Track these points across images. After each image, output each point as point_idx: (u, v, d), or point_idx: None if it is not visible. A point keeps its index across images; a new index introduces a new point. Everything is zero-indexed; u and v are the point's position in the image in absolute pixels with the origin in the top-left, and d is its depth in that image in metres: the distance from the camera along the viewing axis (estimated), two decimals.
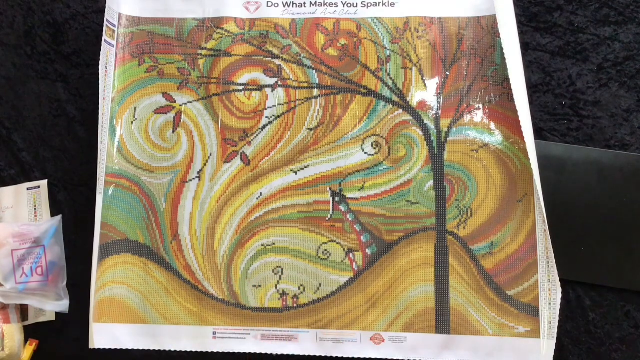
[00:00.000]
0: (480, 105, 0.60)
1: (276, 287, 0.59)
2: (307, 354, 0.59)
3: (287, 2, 0.63)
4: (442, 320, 0.58)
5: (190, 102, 0.62)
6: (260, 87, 0.62)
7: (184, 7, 0.63)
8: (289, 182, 0.60)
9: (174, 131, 0.62)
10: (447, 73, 0.61)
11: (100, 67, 0.61)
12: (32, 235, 0.62)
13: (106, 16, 0.61)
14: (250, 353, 0.59)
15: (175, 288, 0.60)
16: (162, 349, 0.59)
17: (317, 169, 0.60)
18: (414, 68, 0.61)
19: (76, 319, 0.62)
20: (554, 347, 0.56)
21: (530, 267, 0.57)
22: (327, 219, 0.60)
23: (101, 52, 0.60)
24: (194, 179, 0.61)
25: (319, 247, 0.59)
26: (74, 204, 0.65)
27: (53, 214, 0.65)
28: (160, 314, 0.60)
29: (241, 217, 0.60)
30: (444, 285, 0.58)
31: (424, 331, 0.58)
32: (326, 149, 0.61)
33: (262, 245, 0.60)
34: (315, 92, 0.61)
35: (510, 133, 0.59)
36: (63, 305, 0.61)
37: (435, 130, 0.60)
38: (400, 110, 0.61)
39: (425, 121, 0.60)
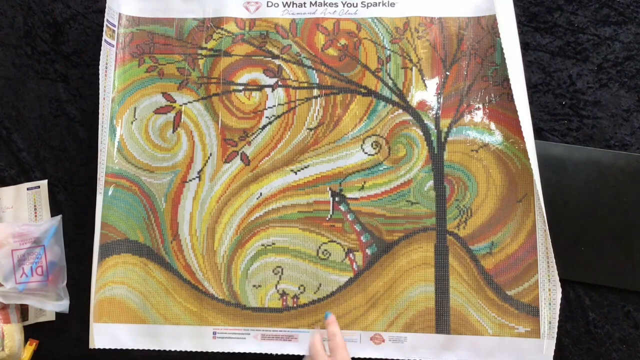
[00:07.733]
0: (480, 105, 0.60)
1: (276, 287, 0.59)
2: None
3: (287, 2, 0.63)
4: (442, 320, 0.58)
5: (190, 102, 0.62)
6: (260, 87, 0.62)
7: (184, 7, 0.63)
8: (289, 182, 0.60)
9: (174, 131, 0.62)
10: (447, 73, 0.61)
11: (100, 67, 0.61)
12: (32, 235, 0.62)
13: (106, 16, 0.61)
14: (250, 353, 0.59)
15: (175, 288, 0.60)
16: (162, 349, 0.59)
17: (317, 169, 0.60)
18: (414, 68, 0.61)
19: (76, 319, 0.62)
20: (554, 347, 0.56)
21: (530, 267, 0.57)
22: (327, 219, 0.60)
23: (101, 52, 0.60)
24: (194, 179, 0.61)
25: (319, 247, 0.59)
26: (74, 204, 0.65)
27: (53, 214, 0.65)
28: (160, 314, 0.60)
29: (241, 217, 0.60)
30: (444, 285, 0.58)
31: (424, 331, 0.58)
32: (326, 149, 0.61)
33: (262, 245, 0.60)
34: (315, 92, 0.61)
35: (510, 133, 0.59)
36: (63, 305, 0.61)
37: (435, 130, 0.60)
38: (400, 110, 0.61)
39: (425, 121, 0.60)
